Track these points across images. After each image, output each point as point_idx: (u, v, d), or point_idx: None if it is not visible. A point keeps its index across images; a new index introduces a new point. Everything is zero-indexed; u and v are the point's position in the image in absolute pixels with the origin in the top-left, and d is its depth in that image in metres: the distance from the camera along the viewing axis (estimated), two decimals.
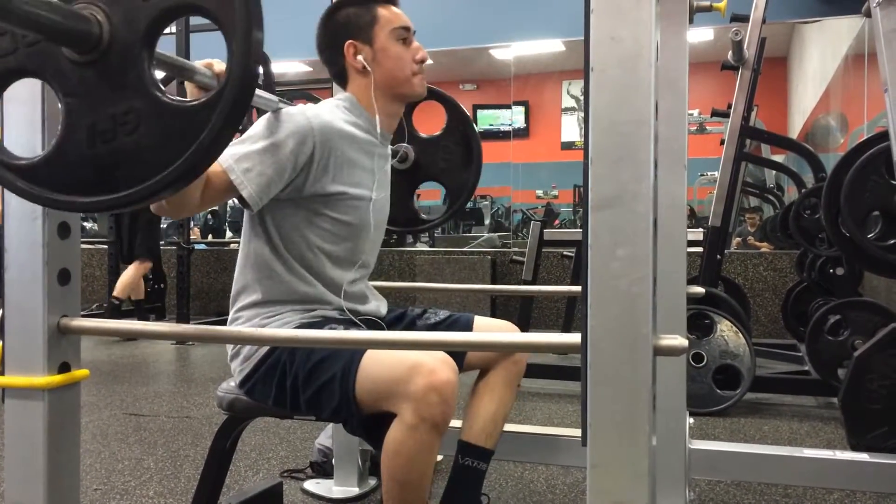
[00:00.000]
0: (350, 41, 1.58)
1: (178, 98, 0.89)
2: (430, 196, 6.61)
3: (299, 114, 1.45)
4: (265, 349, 1.48)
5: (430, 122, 2.05)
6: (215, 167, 1.36)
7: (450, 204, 2.01)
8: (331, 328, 1.47)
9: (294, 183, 1.46)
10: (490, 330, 1.71)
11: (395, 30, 1.58)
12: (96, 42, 0.87)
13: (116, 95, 0.88)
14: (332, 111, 1.55)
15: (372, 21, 1.58)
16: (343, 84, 1.64)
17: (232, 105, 0.84)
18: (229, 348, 1.55)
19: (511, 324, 1.76)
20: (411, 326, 1.70)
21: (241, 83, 0.84)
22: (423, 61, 1.62)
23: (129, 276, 5.44)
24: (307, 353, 1.43)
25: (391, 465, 1.35)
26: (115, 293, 5.38)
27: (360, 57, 1.57)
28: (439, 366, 1.32)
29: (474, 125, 2.01)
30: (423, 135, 1.99)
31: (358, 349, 1.38)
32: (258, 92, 1.31)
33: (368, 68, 1.57)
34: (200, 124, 0.85)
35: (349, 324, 1.55)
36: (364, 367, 1.37)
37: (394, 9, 1.61)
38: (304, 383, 1.43)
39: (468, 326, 1.70)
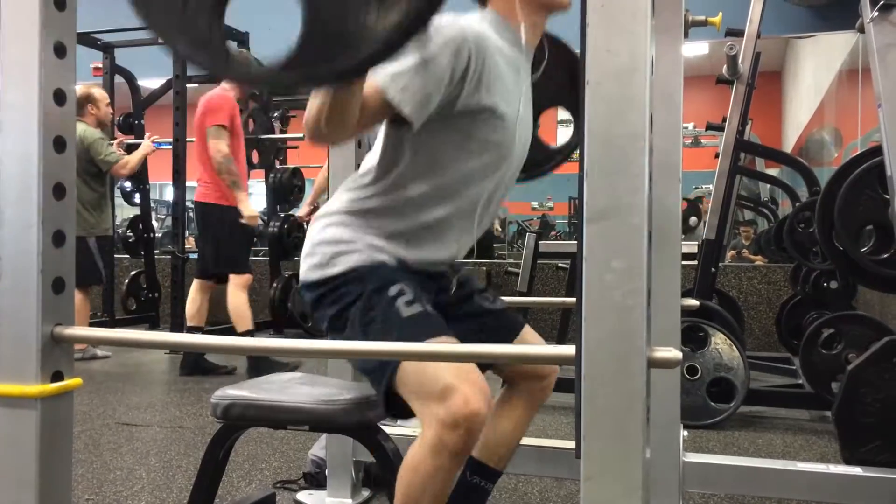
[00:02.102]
0: None
1: None
2: None
3: (451, 24, 1.38)
4: (342, 268, 1.44)
5: None
6: (370, 87, 1.31)
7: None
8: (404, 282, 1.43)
9: (449, 97, 1.38)
10: (532, 343, 1.66)
11: None
12: None
13: None
14: (482, 23, 1.48)
15: None
16: (483, 2, 1.55)
17: None
18: (306, 247, 1.51)
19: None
20: (469, 298, 1.64)
21: None
22: None
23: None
24: (374, 304, 1.40)
25: (408, 482, 1.33)
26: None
27: None
28: (474, 396, 1.28)
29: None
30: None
31: (410, 333, 1.35)
32: None
33: None
34: None
35: (419, 280, 1.48)
36: (403, 367, 1.35)
37: None
38: (359, 333, 1.40)
39: (512, 332, 1.65)
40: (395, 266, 1.46)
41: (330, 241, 1.47)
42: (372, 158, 1.52)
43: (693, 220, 7.54)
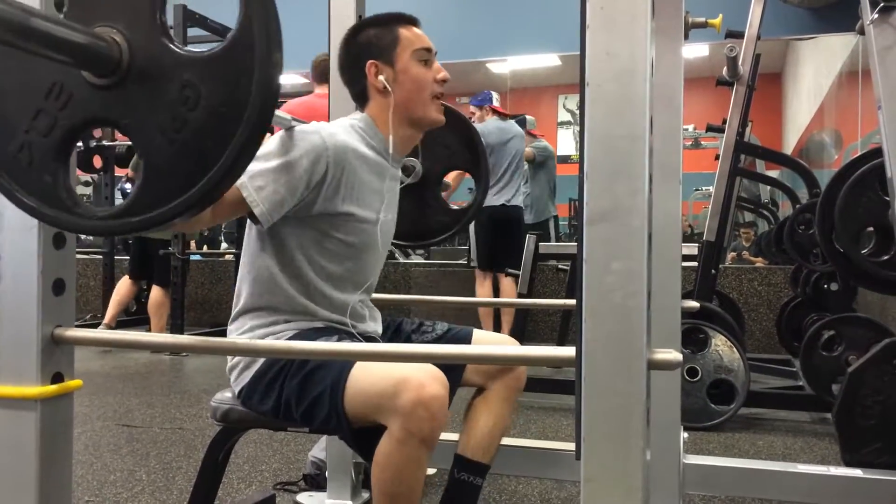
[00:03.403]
0: (372, 61, 1.57)
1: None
2: None
3: (314, 132, 1.45)
4: (262, 361, 1.47)
5: None
6: None
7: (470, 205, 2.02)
8: (326, 339, 1.47)
9: (305, 201, 1.45)
10: (489, 343, 1.70)
11: (417, 51, 1.58)
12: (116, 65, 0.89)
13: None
14: (348, 131, 1.55)
15: (394, 42, 1.58)
16: (363, 105, 1.63)
17: (253, 126, 0.85)
18: (228, 359, 1.55)
19: (510, 338, 1.75)
20: (407, 341, 1.69)
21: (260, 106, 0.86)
22: (444, 81, 1.61)
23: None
24: (301, 364, 1.43)
25: (380, 478, 1.35)
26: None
27: (381, 77, 1.57)
28: (428, 380, 1.31)
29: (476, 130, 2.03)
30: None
31: (348, 361, 1.38)
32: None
33: (389, 89, 1.57)
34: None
35: (347, 336, 1.55)
36: (353, 380, 1.37)
37: (415, 30, 1.61)
38: (297, 395, 1.42)
39: (467, 340, 1.69)
40: (314, 329, 1.52)
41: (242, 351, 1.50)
42: (245, 258, 1.58)
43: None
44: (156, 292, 5.30)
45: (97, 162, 5.93)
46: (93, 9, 0.91)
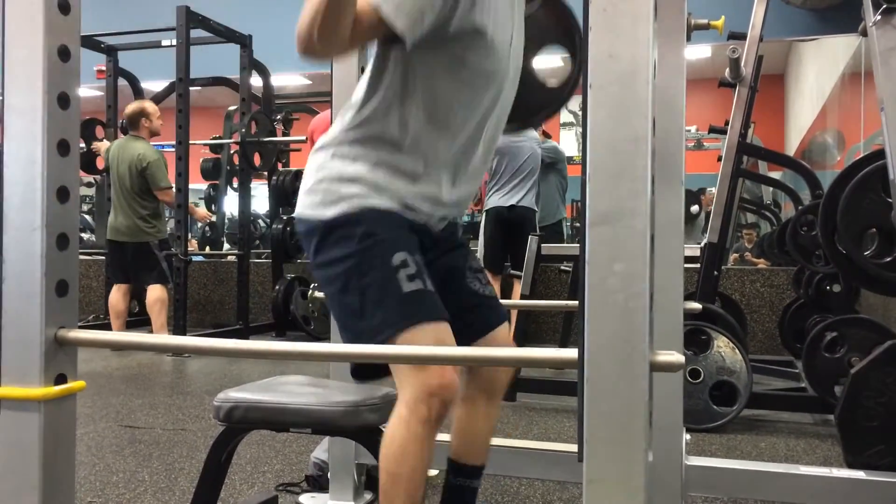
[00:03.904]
0: None
1: None
2: None
3: None
4: (344, 209, 1.41)
5: None
6: (364, 3, 1.30)
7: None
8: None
9: (443, 15, 1.36)
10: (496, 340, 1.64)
11: None
12: None
13: None
14: None
15: None
16: None
17: None
18: (309, 174, 1.48)
19: (511, 341, 1.75)
20: (461, 272, 1.61)
21: None
22: None
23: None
24: (372, 267, 1.38)
25: (386, 451, 1.37)
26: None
27: None
28: (449, 369, 1.34)
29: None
30: None
31: (404, 313, 1.35)
32: None
33: None
34: None
35: (419, 226, 1.47)
36: (406, 332, 1.34)
37: None
38: (353, 292, 1.39)
39: (489, 327, 1.60)
40: (400, 218, 1.44)
41: (332, 178, 1.44)
42: (363, 84, 1.48)
43: (694, 208, 7.53)
44: (155, 290, 5.30)
45: (100, 163, 5.97)
46: None
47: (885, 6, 1.97)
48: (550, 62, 2.05)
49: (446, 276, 1.55)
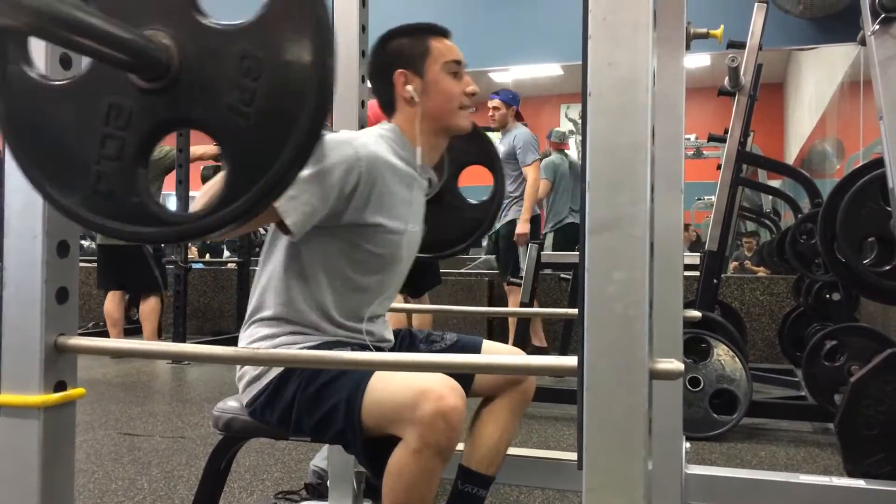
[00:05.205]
0: (401, 70, 1.57)
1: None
2: None
3: (346, 142, 1.43)
4: (274, 372, 1.46)
5: None
6: None
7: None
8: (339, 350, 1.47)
9: (334, 211, 1.43)
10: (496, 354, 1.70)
11: (447, 63, 1.58)
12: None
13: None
14: (377, 141, 1.53)
15: (424, 53, 1.57)
16: (390, 114, 1.62)
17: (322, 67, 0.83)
18: (237, 368, 1.54)
19: (518, 349, 1.75)
20: (417, 352, 1.69)
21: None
22: (473, 94, 1.60)
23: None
24: (314, 376, 1.41)
25: (393, 486, 1.34)
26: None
27: (409, 87, 1.56)
28: (447, 392, 1.30)
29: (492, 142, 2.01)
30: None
31: (365, 371, 1.37)
32: None
33: (417, 99, 1.56)
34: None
35: (360, 348, 1.53)
36: (371, 390, 1.36)
37: (446, 42, 1.61)
38: (309, 407, 1.41)
39: (476, 350, 1.68)
40: (327, 344, 1.50)
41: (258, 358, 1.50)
42: (265, 264, 1.55)
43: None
44: (150, 302, 5.33)
45: None
46: (122, 6, 0.88)
47: (883, 15, 1.98)
48: (544, 71, 2.08)
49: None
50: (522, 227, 4.97)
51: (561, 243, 5.91)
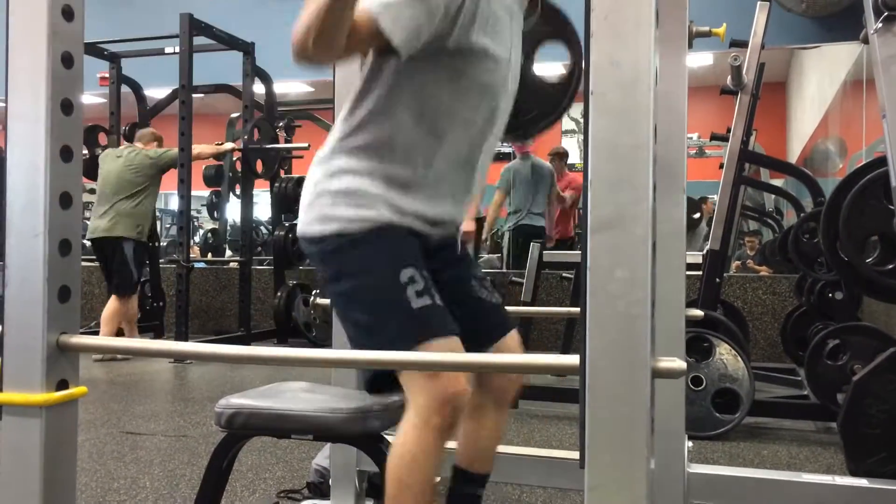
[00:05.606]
0: None
1: None
2: None
3: None
4: (347, 227, 1.41)
5: None
6: (362, 13, 1.30)
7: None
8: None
9: (440, 32, 1.36)
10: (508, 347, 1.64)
11: None
12: None
13: None
14: None
15: None
16: None
17: None
18: (310, 188, 1.47)
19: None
20: (467, 281, 1.61)
21: None
22: None
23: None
24: (377, 288, 1.40)
25: (396, 462, 1.36)
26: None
27: None
28: (461, 377, 1.35)
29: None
30: None
31: (416, 326, 1.36)
32: None
33: None
34: None
35: (417, 238, 1.46)
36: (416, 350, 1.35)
37: None
38: (376, 306, 1.40)
39: (500, 330, 1.61)
40: (400, 229, 1.43)
41: (330, 193, 1.44)
42: (357, 92, 1.48)
43: (696, 215, 7.54)
44: (112, 302, 5.27)
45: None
46: None
47: (886, 14, 1.97)
48: (552, 69, 2.05)
49: (453, 287, 1.55)
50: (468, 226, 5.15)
51: (518, 243, 6.25)
